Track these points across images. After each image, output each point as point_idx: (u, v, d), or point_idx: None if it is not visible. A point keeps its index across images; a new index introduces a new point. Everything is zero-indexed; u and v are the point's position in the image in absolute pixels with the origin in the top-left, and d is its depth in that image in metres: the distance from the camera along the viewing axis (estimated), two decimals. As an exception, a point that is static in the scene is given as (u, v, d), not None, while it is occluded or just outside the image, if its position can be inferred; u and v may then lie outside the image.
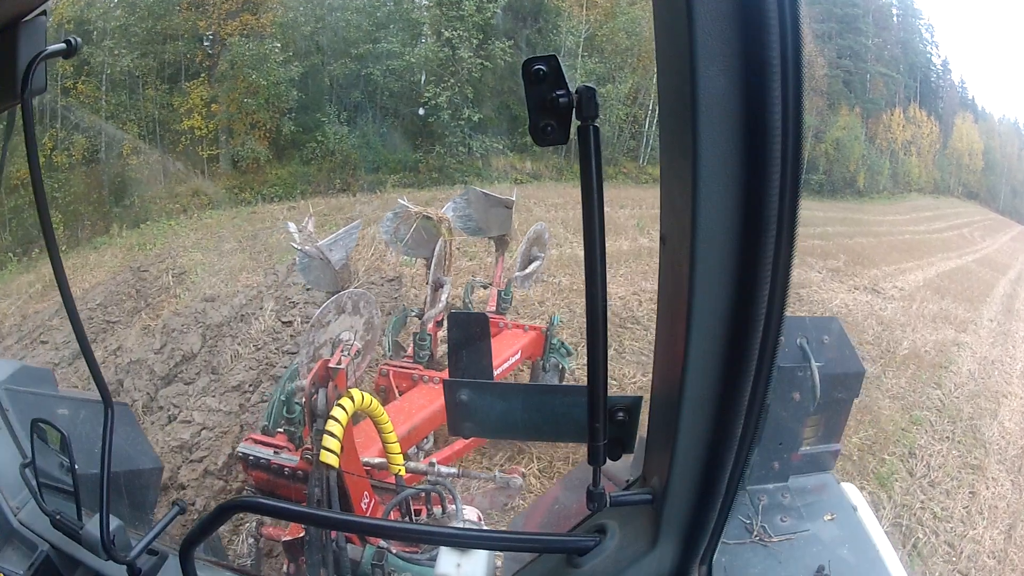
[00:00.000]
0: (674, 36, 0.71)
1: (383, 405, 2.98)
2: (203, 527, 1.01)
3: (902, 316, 11.14)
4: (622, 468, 1.23)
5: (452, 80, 19.49)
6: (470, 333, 1.14)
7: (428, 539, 2.09)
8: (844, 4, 29.16)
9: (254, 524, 3.35)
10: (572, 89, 0.72)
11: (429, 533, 1.84)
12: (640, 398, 0.94)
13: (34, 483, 1.46)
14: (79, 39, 1.26)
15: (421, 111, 19.12)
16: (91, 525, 1.27)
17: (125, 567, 1.26)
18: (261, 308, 8.36)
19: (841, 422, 1.61)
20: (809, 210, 22.40)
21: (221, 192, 16.37)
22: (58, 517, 1.36)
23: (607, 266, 0.80)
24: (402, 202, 4.98)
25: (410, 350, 4.82)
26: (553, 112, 0.72)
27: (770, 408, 1.40)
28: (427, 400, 4.04)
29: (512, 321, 5.40)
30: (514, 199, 5.38)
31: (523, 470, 4.10)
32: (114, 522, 1.28)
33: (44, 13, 1.29)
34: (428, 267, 4.85)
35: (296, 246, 4.18)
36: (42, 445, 1.41)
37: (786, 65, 0.66)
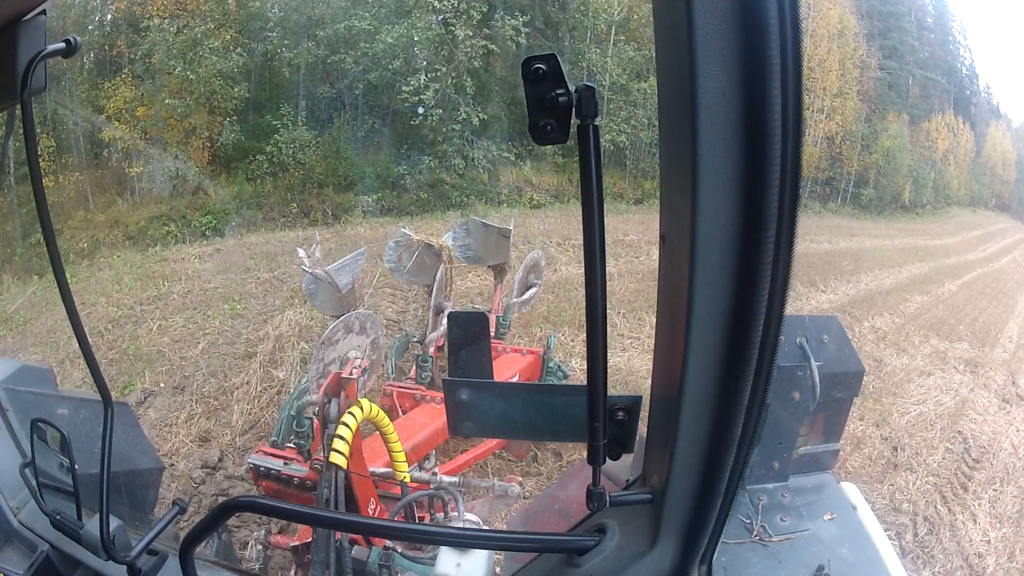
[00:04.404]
0: (674, 36, 0.71)
1: None
2: (203, 527, 1.02)
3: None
4: (622, 468, 1.23)
5: (445, 68, 14.78)
6: (470, 332, 1.14)
7: (429, 539, 2.09)
8: (887, 1, 27.09)
9: (263, 532, 3.44)
10: (572, 88, 0.72)
11: (430, 533, 1.84)
12: (640, 397, 0.94)
13: (34, 483, 1.46)
14: (79, 38, 1.26)
15: (421, 110, 15.06)
16: (91, 525, 1.27)
17: (125, 567, 1.26)
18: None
19: (841, 422, 1.61)
20: (875, 238, 21.57)
21: (142, 223, 12.90)
22: (58, 517, 1.36)
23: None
24: (404, 231, 5.22)
25: (412, 373, 5.04)
26: (553, 111, 0.73)
27: (770, 408, 1.40)
28: (429, 419, 4.22)
29: (510, 346, 5.58)
30: (511, 228, 5.60)
31: (520, 478, 4.20)
32: (114, 522, 1.28)
33: (44, 13, 1.29)
34: (429, 293, 5.08)
35: (306, 269, 4.38)
36: (42, 445, 1.41)
37: (786, 65, 0.66)
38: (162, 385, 7.29)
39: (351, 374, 3.12)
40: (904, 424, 8.11)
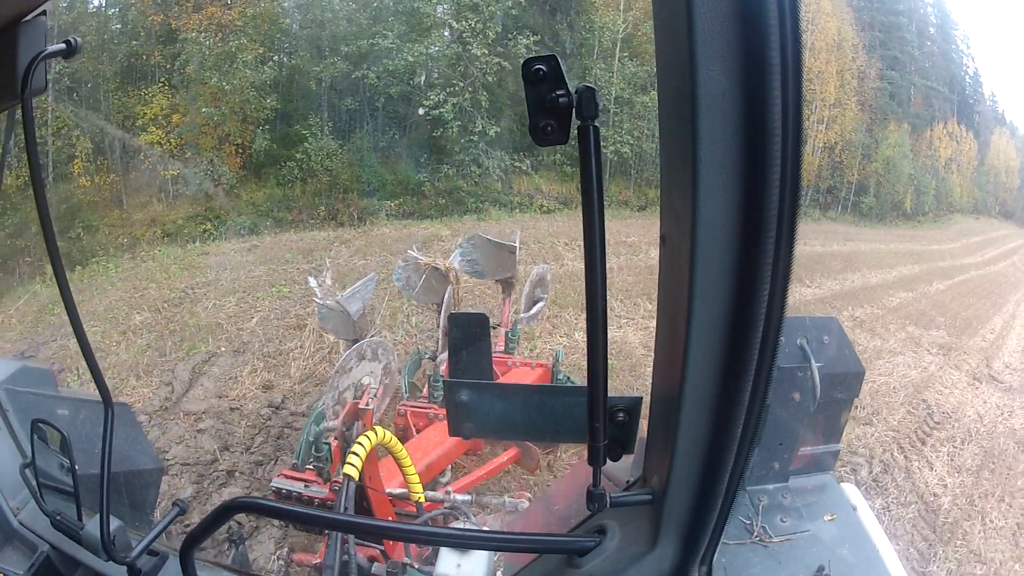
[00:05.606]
0: (674, 36, 0.71)
1: (402, 443, 3.23)
2: (204, 527, 1.01)
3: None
4: (622, 468, 1.23)
5: (462, 84, 15.90)
6: (470, 333, 1.14)
7: (429, 540, 2.09)
8: (888, 11, 27.27)
9: (286, 550, 3.57)
10: (572, 89, 0.72)
11: (431, 534, 1.84)
12: (640, 398, 0.93)
13: (34, 483, 1.46)
14: (79, 39, 1.26)
15: (421, 111, 15.95)
16: (91, 525, 1.27)
17: (125, 567, 1.26)
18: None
19: (841, 422, 1.61)
20: (871, 242, 21.76)
21: (179, 221, 13.73)
22: (58, 517, 1.36)
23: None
24: (412, 253, 5.41)
25: (425, 391, 5.12)
26: (553, 112, 0.73)
27: (770, 408, 1.40)
28: (442, 437, 4.28)
29: (520, 359, 5.62)
30: (517, 244, 5.71)
31: (529, 495, 4.25)
32: (114, 522, 1.27)
33: (44, 13, 1.29)
34: (439, 313, 5.22)
35: (318, 300, 4.54)
36: (42, 445, 1.41)
37: (786, 65, 0.66)
38: (223, 349, 8.09)
39: (367, 404, 3.33)
40: (867, 390, 8.37)
